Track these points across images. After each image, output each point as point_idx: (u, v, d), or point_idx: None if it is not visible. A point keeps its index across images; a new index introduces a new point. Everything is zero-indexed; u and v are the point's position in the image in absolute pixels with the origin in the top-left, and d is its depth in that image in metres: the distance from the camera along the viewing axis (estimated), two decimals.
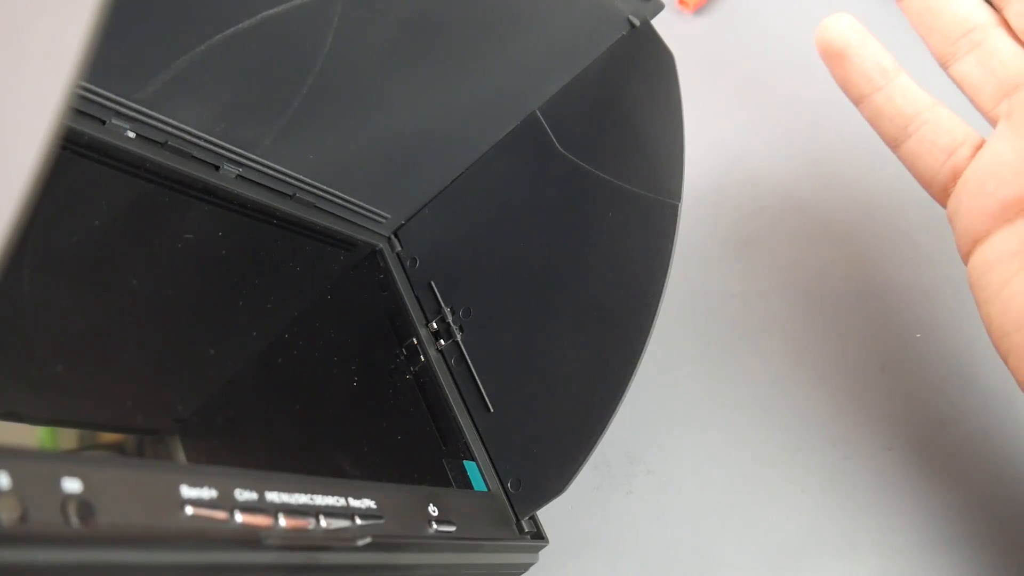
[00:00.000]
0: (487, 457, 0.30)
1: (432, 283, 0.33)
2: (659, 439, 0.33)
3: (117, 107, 0.24)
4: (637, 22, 0.30)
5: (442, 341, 0.32)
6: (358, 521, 0.22)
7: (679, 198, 0.28)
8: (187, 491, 0.18)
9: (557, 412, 0.29)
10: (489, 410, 0.30)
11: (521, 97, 0.31)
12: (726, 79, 0.44)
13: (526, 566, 0.29)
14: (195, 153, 0.27)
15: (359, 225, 0.33)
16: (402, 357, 0.32)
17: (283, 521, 0.20)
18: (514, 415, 0.30)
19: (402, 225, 0.34)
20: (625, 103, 0.29)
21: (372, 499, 0.23)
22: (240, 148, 0.28)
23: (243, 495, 0.19)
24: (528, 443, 0.29)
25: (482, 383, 0.31)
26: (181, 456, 0.22)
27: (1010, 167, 0.27)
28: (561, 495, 0.28)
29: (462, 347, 0.31)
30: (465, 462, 0.29)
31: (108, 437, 0.21)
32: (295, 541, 0.20)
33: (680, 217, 0.28)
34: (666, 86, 0.29)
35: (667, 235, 0.28)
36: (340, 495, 0.22)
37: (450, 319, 0.32)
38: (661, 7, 0.30)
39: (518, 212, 0.32)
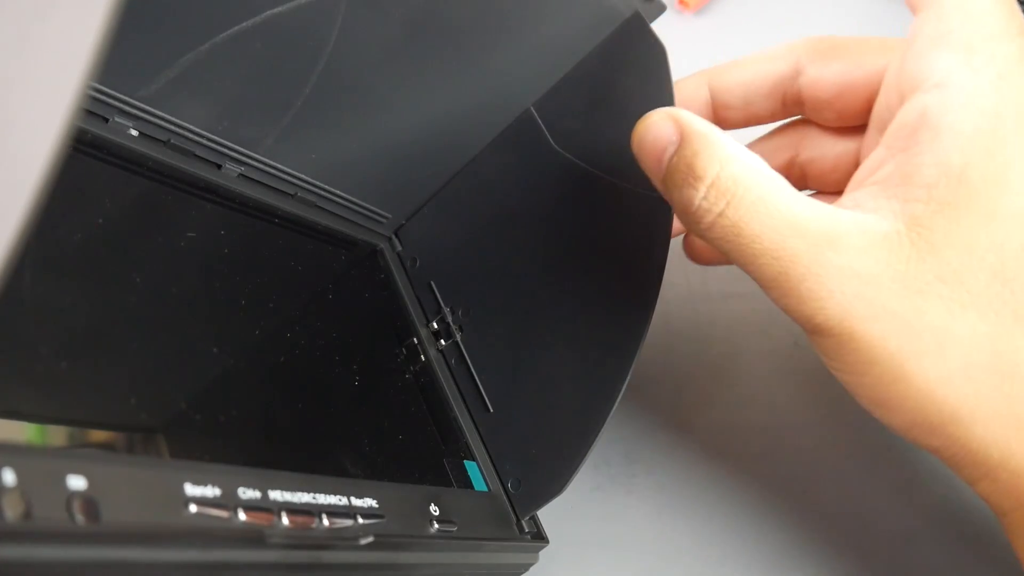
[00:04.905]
0: (487, 457, 0.30)
1: (432, 283, 0.33)
2: (659, 439, 0.33)
3: (120, 105, 0.24)
4: (629, 14, 0.30)
5: (442, 341, 0.32)
6: (360, 520, 0.22)
7: None
8: (191, 489, 0.18)
9: (555, 412, 0.29)
10: (489, 410, 0.30)
11: (515, 93, 0.31)
12: None
13: (526, 566, 0.29)
14: (197, 152, 0.27)
15: (360, 225, 0.33)
16: (403, 357, 0.32)
17: (286, 520, 0.20)
18: (513, 415, 0.30)
19: (402, 225, 0.34)
20: (618, 98, 0.29)
21: (374, 498, 0.23)
22: (242, 147, 0.28)
23: (246, 493, 0.19)
24: (527, 443, 0.29)
25: (481, 383, 0.31)
26: (183, 454, 0.22)
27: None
28: (560, 495, 0.28)
29: (461, 347, 0.31)
30: (466, 462, 0.29)
31: (111, 435, 0.21)
32: (298, 539, 0.20)
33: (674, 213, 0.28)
34: (658, 80, 0.28)
35: (662, 231, 0.28)
36: (342, 494, 0.22)
37: (449, 319, 0.32)
38: (663, 8, 0.30)
39: (515, 210, 0.32)
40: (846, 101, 0.28)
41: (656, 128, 0.25)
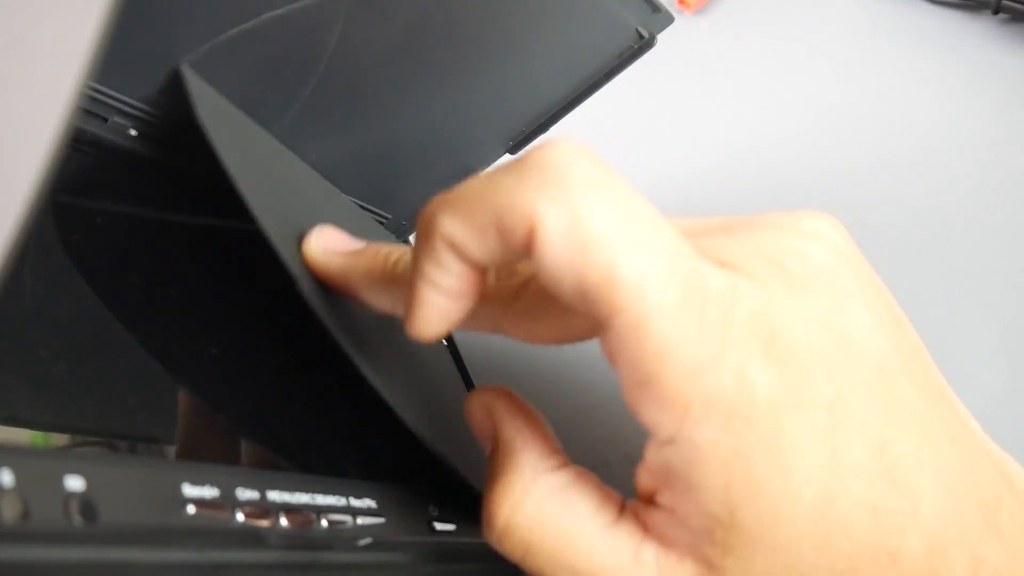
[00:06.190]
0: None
1: None
2: None
3: (120, 105, 0.24)
4: (646, 33, 0.30)
5: (444, 341, 0.32)
6: (359, 521, 0.22)
7: None
8: (189, 490, 0.18)
9: None
10: None
11: (526, 103, 0.31)
12: (725, 79, 0.44)
13: None
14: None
15: None
16: None
17: (284, 520, 0.20)
18: None
19: (403, 225, 0.34)
20: None
21: (373, 499, 0.23)
22: None
23: (245, 494, 0.19)
24: None
25: (470, 383, 0.31)
26: (182, 455, 0.22)
27: None
28: None
29: (455, 347, 0.31)
30: None
31: (109, 436, 0.21)
32: (297, 540, 0.20)
33: None
34: None
35: None
36: (341, 494, 0.22)
37: None
38: (671, 19, 0.30)
39: None
40: None
41: (475, 420, 0.24)
